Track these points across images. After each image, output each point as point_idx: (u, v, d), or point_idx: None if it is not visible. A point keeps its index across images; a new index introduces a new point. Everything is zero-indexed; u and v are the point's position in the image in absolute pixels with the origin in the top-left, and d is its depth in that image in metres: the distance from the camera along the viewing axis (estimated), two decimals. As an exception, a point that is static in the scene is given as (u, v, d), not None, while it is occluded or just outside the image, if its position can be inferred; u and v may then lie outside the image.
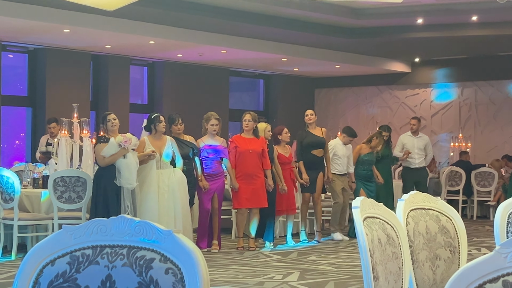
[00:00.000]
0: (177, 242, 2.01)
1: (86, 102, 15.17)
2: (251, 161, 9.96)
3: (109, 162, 8.73)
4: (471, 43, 15.96)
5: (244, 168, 9.97)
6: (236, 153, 9.99)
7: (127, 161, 8.71)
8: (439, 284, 3.53)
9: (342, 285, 7.56)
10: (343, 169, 11.30)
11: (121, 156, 8.70)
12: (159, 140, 9.27)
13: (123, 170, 8.66)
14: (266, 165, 10.09)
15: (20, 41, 14.45)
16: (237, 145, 10.03)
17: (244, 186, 9.95)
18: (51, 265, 2.05)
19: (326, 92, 20.51)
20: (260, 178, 10.00)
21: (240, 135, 10.24)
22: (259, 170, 10.00)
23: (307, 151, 10.89)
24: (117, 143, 8.69)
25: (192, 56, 16.29)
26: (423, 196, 3.63)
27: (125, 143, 8.69)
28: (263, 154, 10.08)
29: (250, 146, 10.00)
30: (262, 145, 10.11)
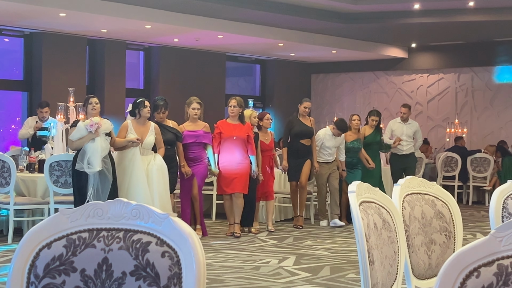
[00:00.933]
0: (173, 226, 2.02)
1: (82, 87, 15.13)
2: (234, 147, 9.81)
3: (77, 146, 8.53)
4: (468, 29, 15.94)
5: (228, 154, 9.82)
6: (220, 139, 9.86)
7: (94, 145, 8.45)
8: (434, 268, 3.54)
9: (337, 270, 7.59)
10: (330, 158, 11.15)
11: (89, 140, 8.47)
12: (143, 126, 9.06)
13: (87, 154, 8.43)
14: (251, 151, 9.92)
15: (16, 25, 14.39)
16: (222, 131, 9.87)
17: (227, 172, 9.79)
18: (48, 248, 2.06)
19: (322, 77, 20.49)
20: (243, 164, 9.82)
21: (225, 120, 10.06)
22: (242, 157, 9.83)
23: (295, 140, 10.84)
24: (84, 126, 8.49)
25: (188, 41, 16.25)
26: (419, 181, 3.64)
27: (91, 127, 8.42)
28: (249, 140, 9.91)
29: (235, 133, 9.84)
30: (248, 131, 9.95)
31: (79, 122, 8.62)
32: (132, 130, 8.96)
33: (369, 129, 11.88)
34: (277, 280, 7.03)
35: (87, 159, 8.43)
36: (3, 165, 9.14)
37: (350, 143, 11.41)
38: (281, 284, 6.87)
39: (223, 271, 7.42)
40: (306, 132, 10.87)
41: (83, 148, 8.47)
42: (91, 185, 8.46)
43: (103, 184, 8.51)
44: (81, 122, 8.58)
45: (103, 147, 8.54)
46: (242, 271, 7.49)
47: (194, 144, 9.69)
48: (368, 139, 11.79)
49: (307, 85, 20.52)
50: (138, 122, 9.08)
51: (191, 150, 9.71)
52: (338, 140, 11.23)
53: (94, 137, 8.48)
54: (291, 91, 19.77)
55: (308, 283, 6.91)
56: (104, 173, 8.51)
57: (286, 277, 7.18)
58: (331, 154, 11.15)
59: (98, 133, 8.48)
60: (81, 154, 8.48)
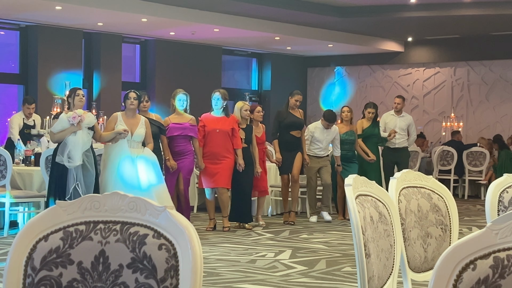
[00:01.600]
0: (170, 218, 2.02)
1: (78, 80, 15.12)
2: (218, 140, 9.62)
3: (58, 138, 8.30)
4: (464, 23, 15.95)
5: (211, 148, 9.64)
6: (204, 132, 9.66)
7: (75, 139, 8.22)
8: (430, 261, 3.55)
9: (333, 263, 7.60)
10: (321, 153, 10.91)
11: (71, 132, 8.23)
12: (132, 119, 8.79)
13: (68, 147, 8.19)
14: (236, 144, 9.71)
15: (11, 18, 14.37)
16: (205, 124, 9.68)
17: (210, 166, 9.60)
18: (44, 241, 2.06)
19: (318, 71, 20.49)
20: (228, 158, 9.64)
21: (209, 113, 9.85)
22: (226, 150, 9.64)
23: (285, 132, 10.60)
24: (66, 118, 8.24)
25: (184, 34, 16.23)
26: (415, 174, 3.64)
27: (73, 119, 8.17)
28: (234, 134, 9.70)
29: (218, 125, 9.65)
30: (232, 124, 9.73)
31: (61, 114, 8.39)
32: (122, 122, 8.71)
33: (367, 122, 11.66)
34: (273, 274, 7.04)
35: (67, 153, 8.21)
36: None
37: (342, 135, 11.13)
38: (277, 277, 6.88)
39: (219, 264, 7.43)
40: (297, 124, 10.66)
41: (64, 141, 8.24)
42: (73, 179, 8.21)
43: (87, 178, 8.29)
44: (63, 114, 8.34)
45: (85, 141, 8.31)
46: (238, 264, 7.50)
47: (180, 137, 9.44)
48: (367, 132, 11.58)
49: (303, 79, 20.52)
50: (127, 115, 8.81)
51: (177, 143, 9.46)
52: (331, 134, 10.95)
53: (76, 130, 8.24)
54: (287, 85, 19.74)
55: (304, 277, 6.92)
56: (87, 167, 8.29)
57: (282, 271, 7.19)
58: (322, 148, 10.90)
59: (80, 126, 8.24)
60: (62, 147, 8.25)
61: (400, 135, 12.07)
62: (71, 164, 8.18)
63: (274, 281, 6.72)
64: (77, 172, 8.22)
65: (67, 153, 8.19)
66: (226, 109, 9.77)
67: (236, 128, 9.76)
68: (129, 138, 8.65)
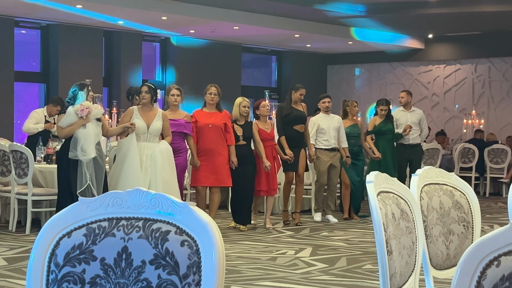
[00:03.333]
0: (192, 215, 2.02)
1: (99, 78, 15.19)
2: (210, 136, 9.29)
3: (68, 133, 8.21)
4: (485, 19, 15.85)
5: (203, 144, 9.30)
6: (196, 128, 9.34)
7: (86, 131, 8.14)
8: (452, 259, 3.53)
9: (354, 261, 7.58)
10: (331, 143, 10.53)
11: (80, 126, 8.16)
12: (149, 112, 8.69)
13: (80, 141, 8.12)
14: (230, 140, 9.37)
15: (32, 17, 14.46)
16: (197, 119, 9.36)
17: (203, 163, 9.27)
18: (68, 237, 2.07)
19: (338, 68, 20.45)
20: (222, 155, 9.31)
21: (201, 109, 9.57)
22: (220, 146, 9.31)
23: (289, 126, 10.21)
24: (74, 112, 8.16)
25: (204, 32, 16.25)
26: (437, 171, 3.63)
27: (81, 112, 8.10)
28: (226, 129, 9.37)
29: (210, 121, 9.33)
30: (225, 119, 9.41)
31: (69, 108, 8.30)
32: (138, 115, 8.64)
33: (379, 118, 11.46)
34: (293, 271, 7.03)
35: (80, 146, 8.11)
36: (21, 156, 9.18)
37: (346, 129, 10.83)
38: (297, 274, 6.87)
39: (240, 262, 7.44)
40: (300, 118, 10.28)
41: (74, 135, 8.17)
42: (85, 174, 8.13)
43: (98, 172, 8.23)
44: (70, 108, 8.26)
45: (96, 132, 8.26)
46: (259, 261, 7.50)
47: (175, 134, 9.06)
48: (379, 128, 11.37)
49: (323, 76, 20.49)
50: (143, 108, 8.73)
51: (172, 140, 9.08)
52: (334, 120, 10.61)
53: (85, 122, 8.18)
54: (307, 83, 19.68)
55: (324, 274, 6.91)
56: (98, 161, 8.23)
57: (302, 268, 7.19)
58: (328, 138, 10.51)
59: (89, 118, 8.19)
60: (74, 142, 8.15)
61: (413, 130, 11.77)
62: (86, 157, 8.09)
63: (295, 278, 6.71)
64: (89, 166, 8.15)
65: (80, 147, 8.11)
66: (218, 105, 9.50)
67: (229, 123, 9.45)
68: (145, 131, 8.58)
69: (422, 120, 12.06)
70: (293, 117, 10.24)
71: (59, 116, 8.47)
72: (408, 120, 11.85)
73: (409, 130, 11.61)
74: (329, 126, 10.58)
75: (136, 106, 8.92)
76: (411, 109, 12.03)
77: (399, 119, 11.90)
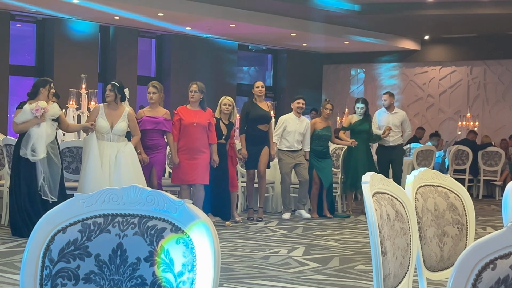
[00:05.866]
0: (188, 213, 2.02)
1: (94, 74, 15.17)
2: (195, 134, 9.20)
3: (21, 129, 8.16)
4: (481, 22, 15.88)
5: (187, 142, 9.21)
6: (180, 126, 9.24)
7: (39, 131, 8.05)
8: (446, 260, 3.53)
9: (347, 261, 7.59)
10: (293, 146, 10.57)
11: (34, 124, 8.10)
12: (115, 111, 8.60)
13: (31, 140, 8.04)
14: (212, 139, 9.34)
15: (28, 11, 14.42)
16: (182, 117, 9.25)
17: (186, 161, 9.19)
18: (63, 233, 2.06)
19: (334, 68, 20.46)
20: (204, 153, 9.27)
21: (185, 106, 9.45)
22: (204, 145, 9.27)
23: (252, 125, 10.21)
24: (30, 110, 8.08)
25: (200, 30, 16.24)
26: (432, 173, 3.63)
27: (36, 111, 8.03)
28: (210, 128, 9.33)
29: (195, 119, 9.23)
30: (209, 117, 9.36)
31: (25, 105, 8.22)
32: (103, 115, 8.54)
33: (357, 117, 11.34)
34: (286, 270, 7.03)
35: (31, 146, 8.05)
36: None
37: (321, 130, 10.85)
38: (290, 273, 6.87)
39: (233, 260, 7.43)
40: (263, 117, 10.24)
41: (27, 133, 8.11)
42: (40, 172, 8.11)
43: (52, 170, 8.17)
44: (27, 105, 8.18)
45: (49, 133, 8.15)
46: (252, 260, 7.50)
47: (153, 131, 9.08)
48: (353, 126, 11.27)
49: (319, 76, 20.50)
50: (109, 107, 8.64)
51: (150, 137, 9.10)
52: (303, 125, 10.65)
53: (40, 122, 8.11)
54: (302, 81, 19.75)
55: (317, 274, 6.91)
56: (52, 159, 8.15)
57: (295, 267, 7.19)
58: (292, 140, 10.55)
59: (44, 118, 8.12)
60: (25, 140, 8.11)
61: (393, 132, 11.61)
62: (35, 158, 8.04)
63: (287, 277, 6.71)
64: (43, 164, 8.09)
65: (30, 146, 8.04)
66: (202, 102, 9.39)
67: (212, 122, 9.41)
68: (109, 131, 8.49)
69: (405, 121, 11.92)
70: (256, 116, 10.20)
71: (16, 111, 8.32)
72: (390, 122, 11.70)
73: (388, 132, 11.45)
74: (296, 130, 10.60)
75: (103, 104, 8.81)
76: (393, 111, 11.88)
77: (381, 120, 11.75)
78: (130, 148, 8.56)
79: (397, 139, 11.74)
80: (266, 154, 10.26)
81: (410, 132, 12.29)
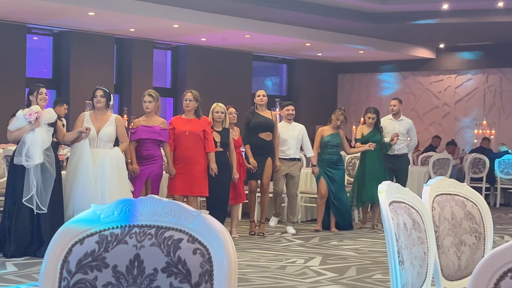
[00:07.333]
0: (205, 223, 2.02)
1: (110, 85, 15.21)
2: (187, 143, 8.86)
3: (16, 137, 7.86)
4: (496, 29, 15.82)
5: (180, 152, 8.89)
6: (174, 135, 8.94)
7: (33, 136, 7.75)
8: (464, 269, 3.52)
9: (364, 270, 7.56)
10: (289, 154, 10.12)
11: (28, 130, 7.78)
12: (101, 117, 8.35)
13: (26, 146, 7.71)
14: (208, 147, 8.92)
15: (45, 24, 14.52)
16: (174, 126, 8.96)
17: (180, 171, 8.86)
18: (80, 244, 2.07)
19: (349, 77, 20.45)
20: (200, 163, 8.88)
21: (180, 115, 9.22)
22: (198, 154, 8.88)
23: (254, 134, 9.81)
24: (23, 116, 7.79)
25: (215, 40, 16.29)
26: (449, 181, 3.62)
27: (29, 116, 7.74)
28: (206, 136, 8.95)
29: (187, 128, 8.92)
30: (204, 125, 8.97)
31: (18, 111, 7.94)
32: (89, 121, 8.30)
33: (367, 128, 10.99)
34: (303, 280, 7.02)
35: (25, 151, 7.71)
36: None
37: (327, 137, 10.44)
38: (307, 284, 6.86)
39: (249, 270, 7.43)
40: (264, 124, 9.83)
41: (22, 139, 7.79)
42: (33, 180, 7.72)
43: (46, 179, 7.82)
44: (20, 111, 7.90)
45: (44, 138, 7.84)
46: (268, 270, 7.49)
47: (149, 141, 8.75)
48: (367, 138, 10.86)
49: (334, 85, 20.49)
50: (96, 113, 8.40)
51: (145, 147, 8.77)
52: (296, 130, 10.28)
53: (34, 127, 7.80)
54: (317, 91, 19.75)
55: (334, 283, 6.89)
56: (46, 167, 7.80)
57: (312, 277, 7.17)
58: (289, 148, 10.13)
59: (38, 123, 7.81)
60: (20, 146, 7.79)
61: (399, 140, 11.21)
62: (29, 163, 7.69)
63: (304, 287, 6.69)
64: (36, 172, 7.75)
65: (25, 152, 7.73)
66: (197, 111, 9.05)
67: (208, 130, 9.01)
68: (95, 137, 8.25)
69: (411, 129, 11.56)
70: (256, 123, 9.83)
71: (10, 119, 8.02)
72: (396, 129, 11.36)
73: (396, 140, 11.05)
74: (290, 136, 10.24)
75: (88, 111, 8.59)
76: (399, 118, 11.54)
77: (386, 127, 11.36)
78: (116, 150, 8.28)
79: (402, 148, 11.41)
80: (270, 166, 9.87)
81: (415, 141, 11.90)
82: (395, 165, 11.31)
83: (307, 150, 10.39)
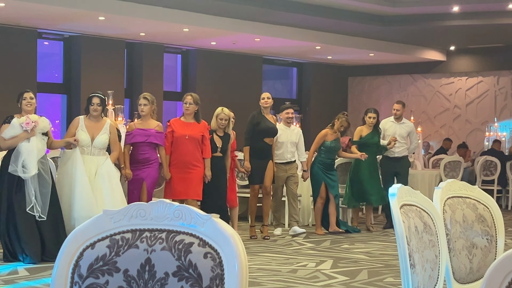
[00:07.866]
0: (216, 227, 2.02)
1: (121, 90, 15.26)
2: (186, 147, 8.84)
3: (10, 145, 7.74)
4: (507, 31, 15.76)
5: (179, 155, 8.86)
6: (172, 138, 8.90)
7: (29, 146, 7.66)
8: (476, 272, 3.50)
9: (375, 274, 7.54)
10: (286, 158, 10.15)
11: (23, 139, 7.69)
12: (96, 123, 8.29)
13: (22, 156, 7.61)
14: (206, 153, 8.95)
15: (55, 29, 14.56)
16: (174, 129, 8.92)
17: (178, 175, 8.83)
18: (91, 248, 2.08)
19: (359, 80, 20.42)
20: (198, 167, 8.89)
21: (179, 118, 9.18)
22: (196, 159, 8.89)
23: (259, 138, 9.77)
24: (19, 124, 7.68)
25: (225, 44, 16.30)
26: (460, 184, 3.61)
27: (27, 125, 7.63)
28: (204, 141, 8.95)
29: (188, 131, 8.89)
30: (203, 130, 8.99)
31: (13, 119, 7.81)
32: (83, 127, 8.25)
33: (367, 129, 10.96)
34: (314, 283, 7.01)
35: (21, 162, 7.62)
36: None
37: (331, 142, 10.46)
38: (318, 287, 6.85)
39: (261, 274, 7.42)
40: (271, 130, 9.85)
41: (16, 148, 7.68)
42: (31, 189, 7.65)
43: (43, 187, 7.75)
44: (15, 119, 7.78)
45: (39, 148, 7.77)
46: (279, 274, 7.48)
47: (145, 144, 8.67)
48: (365, 139, 10.88)
49: (344, 88, 20.46)
50: (91, 119, 8.33)
51: (141, 150, 8.69)
52: (294, 134, 10.29)
53: (30, 136, 7.71)
54: (328, 94, 19.73)
55: (345, 287, 6.88)
56: (42, 176, 7.76)
57: (323, 281, 7.16)
58: (285, 152, 10.15)
59: (34, 132, 7.73)
60: (15, 156, 7.67)
61: (400, 143, 11.22)
62: (26, 175, 7.61)
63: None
64: (33, 181, 7.68)
65: (21, 163, 7.64)
66: (197, 115, 9.07)
67: (206, 135, 9.03)
68: (89, 144, 8.19)
69: (412, 133, 11.53)
70: (264, 129, 9.80)
71: (3, 126, 7.91)
72: (397, 132, 11.33)
73: (393, 143, 11.06)
74: (287, 140, 10.22)
75: (83, 116, 8.48)
76: (401, 121, 11.49)
77: (388, 130, 11.36)
78: (108, 163, 8.22)
79: (402, 151, 11.37)
80: (271, 169, 9.86)
81: (416, 144, 11.89)
82: (395, 167, 11.34)
83: (301, 154, 10.40)
